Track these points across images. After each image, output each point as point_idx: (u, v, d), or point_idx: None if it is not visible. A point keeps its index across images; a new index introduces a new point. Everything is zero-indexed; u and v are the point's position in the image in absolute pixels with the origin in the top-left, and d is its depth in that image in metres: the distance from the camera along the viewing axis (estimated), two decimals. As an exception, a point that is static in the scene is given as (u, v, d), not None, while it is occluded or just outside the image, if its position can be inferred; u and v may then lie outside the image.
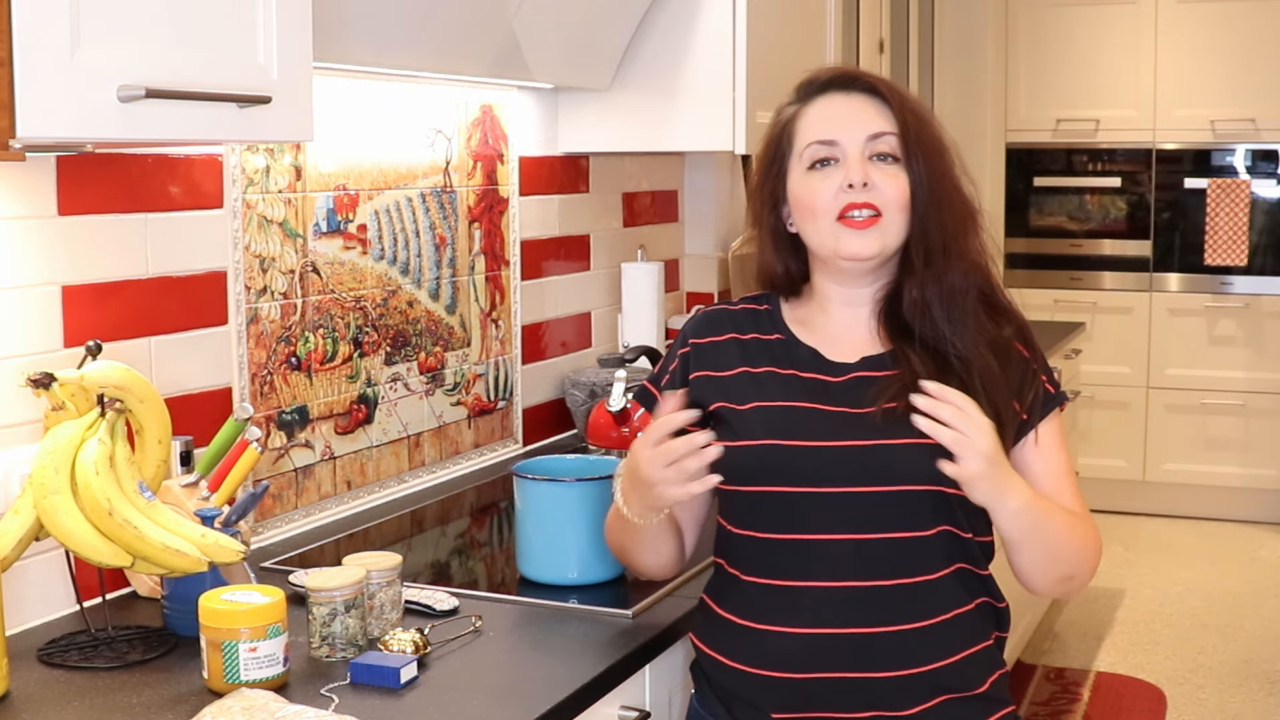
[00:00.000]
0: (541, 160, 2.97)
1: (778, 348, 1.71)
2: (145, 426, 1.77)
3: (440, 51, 2.34)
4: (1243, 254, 5.94)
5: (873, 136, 1.66)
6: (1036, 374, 1.69)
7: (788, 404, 1.65)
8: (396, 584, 1.80)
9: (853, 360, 1.68)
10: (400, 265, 2.54)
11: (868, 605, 1.59)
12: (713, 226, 3.68)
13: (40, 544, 1.74)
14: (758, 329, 1.74)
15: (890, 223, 1.65)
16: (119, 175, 1.93)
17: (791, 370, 1.68)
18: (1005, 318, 1.70)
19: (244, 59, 1.63)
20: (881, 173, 1.65)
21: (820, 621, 1.60)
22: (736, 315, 1.77)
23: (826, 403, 1.64)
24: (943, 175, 1.68)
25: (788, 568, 1.63)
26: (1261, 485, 5.98)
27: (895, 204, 1.65)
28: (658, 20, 2.90)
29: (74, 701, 1.59)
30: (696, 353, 1.74)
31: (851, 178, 1.63)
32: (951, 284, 1.66)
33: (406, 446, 2.58)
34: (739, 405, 1.67)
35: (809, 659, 1.60)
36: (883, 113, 1.67)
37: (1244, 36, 5.88)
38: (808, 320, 1.74)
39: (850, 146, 1.65)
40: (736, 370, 1.70)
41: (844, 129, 1.66)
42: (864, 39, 4.87)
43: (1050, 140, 6.23)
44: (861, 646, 1.59)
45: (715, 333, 1.75)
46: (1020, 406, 1.66)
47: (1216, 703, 4.17)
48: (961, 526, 1.63)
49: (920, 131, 1.67)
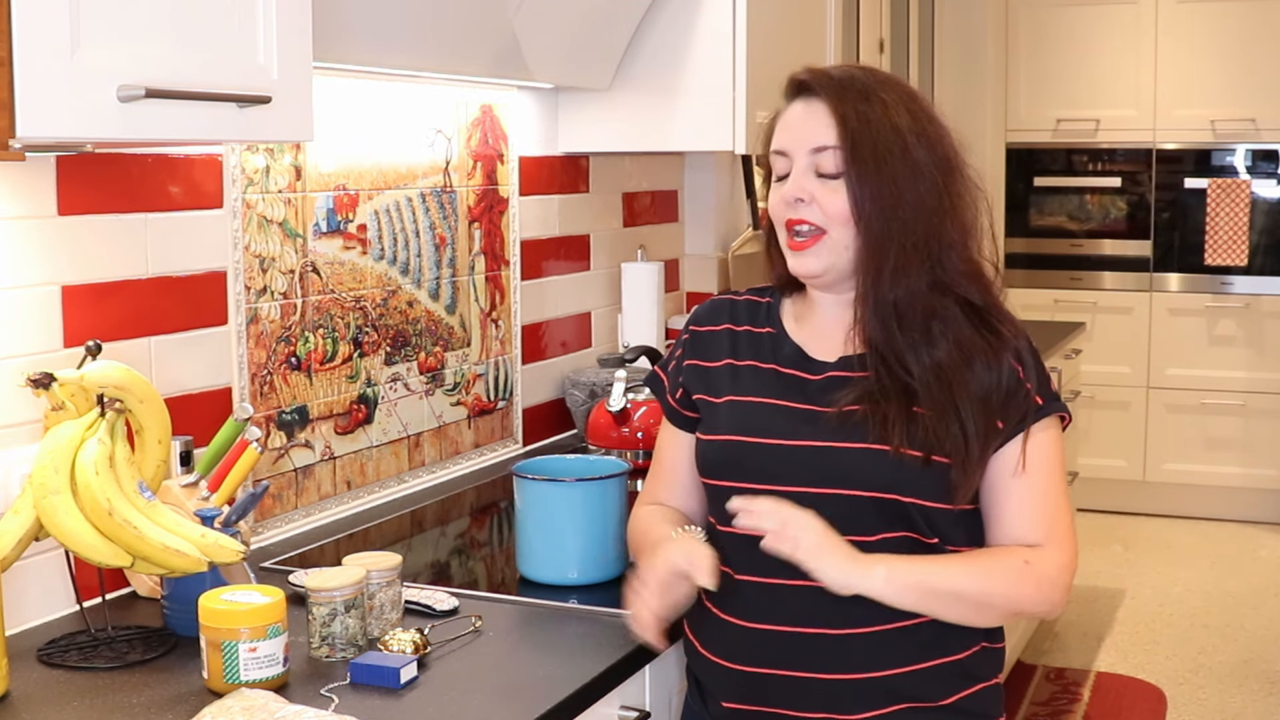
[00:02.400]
0: (541, 160, 2.97)
1: (766, 342, 1.72)
2: (145, 426, 1.77)
3: (440, 51, 2.34)
4: (1243, 254, 5.94)
5: (815, 150, 1.62)
6: (1026, 390, 1.62)
7: (757, 400, 1.67)
8: (396, 584, 1.80)
9: (831, 359, 1.68)
10: (400, 265, 2.54)
11: (816, 605, 1.58)
12: (713, 226, 3.68)
13: (40, 544, 1.74)
14: (753, 321, 1.75)
15: (836, 240, 1.62)
16: (119, 175, 1.93)
17: (773, 365, 1.69)
18: (996, 328, 1.63)
19: (244, 59, 1.63)
20: (822, 188, 1.62)
21: (772, 618, 1.61)
22: (738, 306, 1.79)
23: (801, 400, 1.65)
24: (893, 186, 1.59)
25: (745, 562, 1.64)
26: (1261, 485, 5.98)
27: (836, 220, 1.61)
28: (658, 20, 2.90)
29: (74, 701, 1.59)
30: (693, 341, 1.78)
31: (790, 193, 1.63)
32: (899, 300, 1.60)
33: (406, 446, 2.58)
34: (715, 398, 1.71)
35: (762, 654, 1.62)
36: (831, 125, 1.62)
37: (1244, 36, 5.88)
38: (803, 316, 1.74)
39: (797, 159, 1.64)
40: (722, 362, 1.73)
41: (793, 141, 1.65)
42: (864, 39, 4.87)
43: (1050, 140, 6.23)
44: (811, 646, 1.59)
45: (714, 322, 1.78)
46: (1001, 421, 1.60)
47: (1216, 703, 4.17)
48: (923, 533, 1.60)
49: (870, 141, 1.59)
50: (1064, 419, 1.67)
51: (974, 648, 1.65)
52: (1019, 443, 1.61)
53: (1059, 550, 1.62)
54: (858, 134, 1.60)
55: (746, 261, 3.77)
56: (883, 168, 1.59)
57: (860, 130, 1.60)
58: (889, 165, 1.60)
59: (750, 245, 3.80)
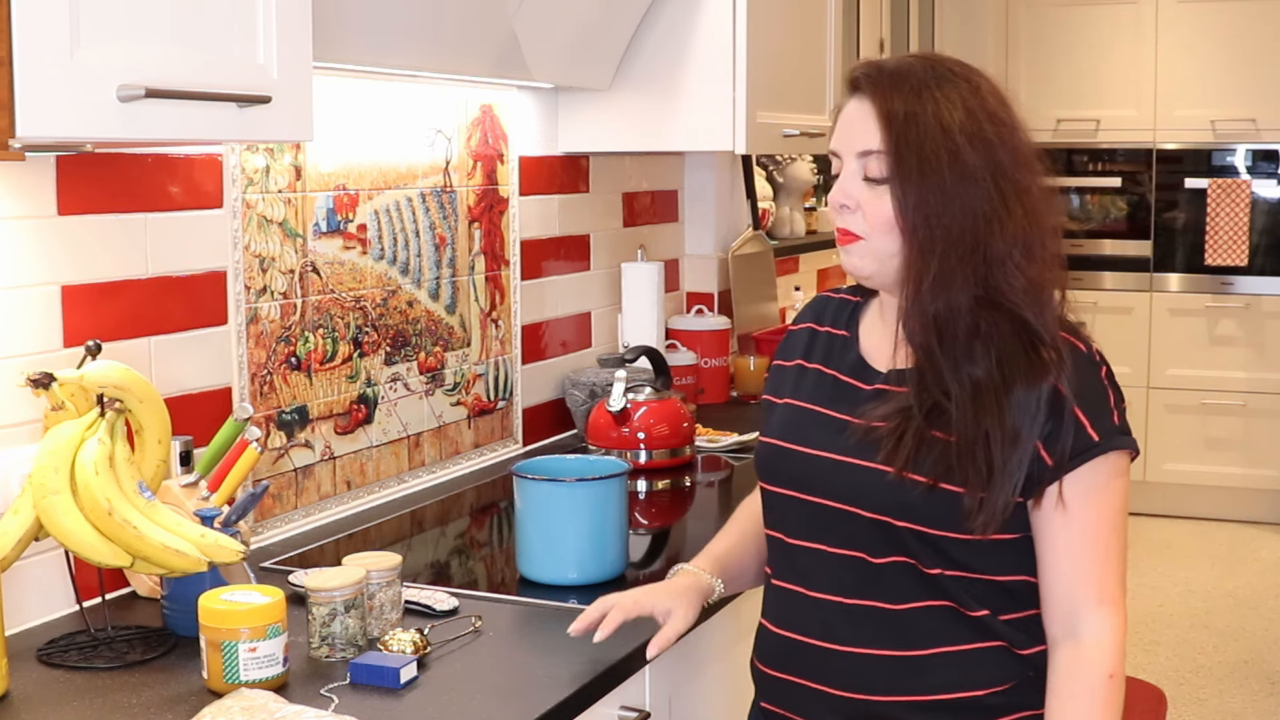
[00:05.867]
0: (541, 160, 2.96)
1: (838, 344, 1.68)
2: (145, 426, 1.77)
3: (440, 51, 2.34)
4: (1243, 254, 5.94)
5: (861, 154, 1.54)
6: (1076, 422, 1.50)
7: (807, 405, 1.65)
8: (396, 584, 1.80)
9: (884, 370, 1.61)
10: (400, 265, 2.54)
11: (832, 619, 1.57)
12: (713, 226, 3.68)
13: (40, 544, 1.74)
14: (835, 322, 1.70)
15: (876, 245, 1.53)
16: (119, 175, 1.93)
17: (835, 371, 1.66)
18: (1045, 350, 1.51)
19: (244, 59, 1.63)
20: (869, 193, 1.53)
21: (793, 626, 1.61)
22: (830, 304, 1.74)
23: (846, 410, 1.60)
24: (939, 193, 1.49)
25: (779, 567, 1.66)
26: (1261, 485, 5.98)
27: (877, 228, 1.53)
28: (658, 20, 2.90)
29: (73, 701, 1.59)
30: (785, 339, 1.78)
31: (833, 199, 1.58)
32: (939, 314, 1.50)
33: (406, 446, 2.58)
34: (776, 399, 1.71)
35: (784, 660, 1.62)
36: (876, 125, 1.52)
37: (1244, 36, 5.88)
38: (877, 320, 1.66)
39: (847, 161, 1.56)
40: (794, 362, 1.72)
41: (842, 141, 1.57)
42: (864, 39, 4.87)
43: (1050, 140, 6.23)
44: (823, 659, 1.58)
45: (805, 319, 1.76)
46: (1048, 453, 1.49)
47: (1216, 703, 4.17)
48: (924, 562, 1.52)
49: (916, 143, 1.50)
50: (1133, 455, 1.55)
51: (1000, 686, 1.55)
52: (1070, 481, 1.50)
53: (1113, 613, 1.54)
54: (902, 136, 1.50)
55: (746, 261, 3.77)
56: (928, 173, 1.49)
57: (905, 132, 1.50)
58: (935, 170, 1.49)
59: (750, 245, 3.80)
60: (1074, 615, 1.54)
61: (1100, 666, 1.52)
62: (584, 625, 1.69)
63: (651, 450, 2.72)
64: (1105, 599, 1.54)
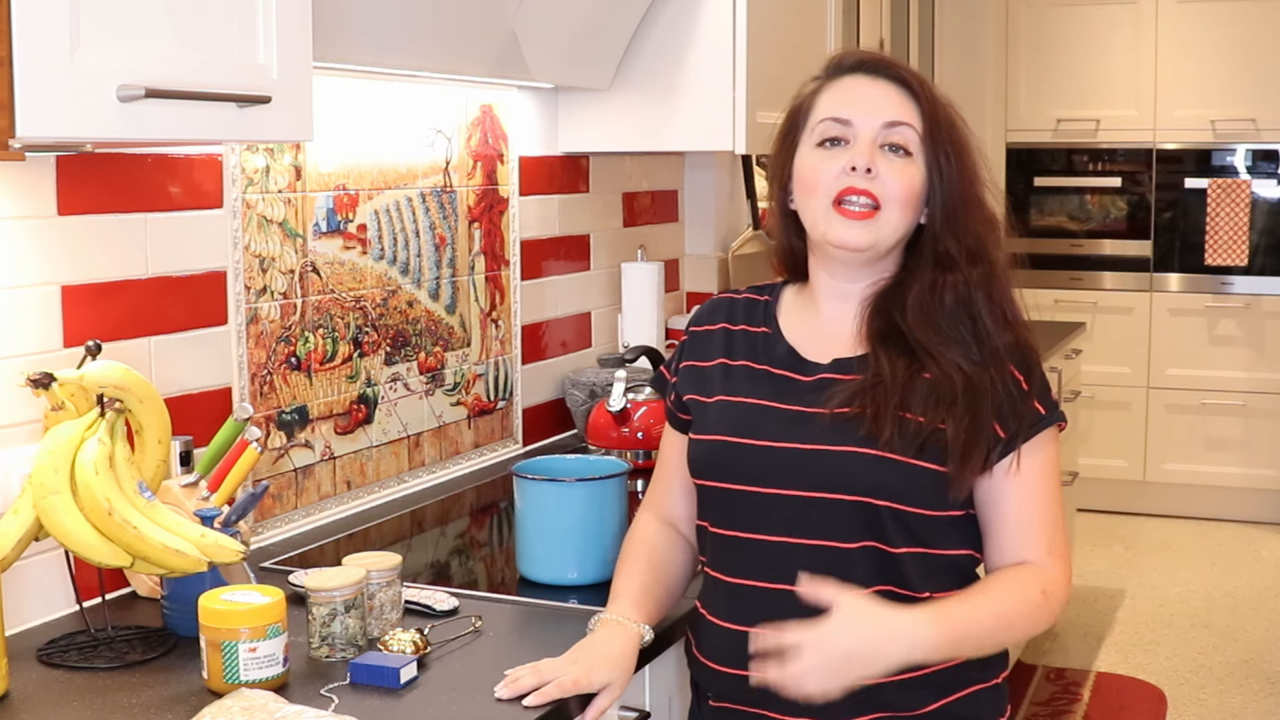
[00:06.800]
0: (541, 160, 2.97)
1: (760, 341, 1.71)
2: (145, 426, 1.77)
3: (440, 51, 2.34)
4: (1243, 254, 5.94)
5: (889, 124, 1.61)
6: (1027, 395, 1.61)
7: (747, 400, 1.66)
8: (396, 584, 1.80)
9: (825, 361, 1.66)
10: (400, 265, 2.54)
11: (797, 611, 1.55)
12: (713, 226, 3.68)
13: (40, 544, 1.74)
14: (750, 320, 1.74)
15: (888, 217, 1.60)
16: (119, 175, 1.93)
17: (766, 366, 1.68)
18: (1007, 330, 1.62)
19: (244, 59, 1.63)
20: (889, 164, 1.60)
21: (754, 620, 1.59)
22: (736, 304, 1.77)
23: (792, 402, 1.63)
24: (968, 178, 1.63)
25: (731, 564, 1.65)
26: (1261, 485, 5.98)
27: (897, 198, 1.60)
28: (658, 20, 2.90)
29: (73, 701, 1.59)
30: (691, 341, 1.78)
31: (856, 161, 1.59)
32: (957, 290, 1.61)
33: (406, 446, 2.58)
34: (706, 398, 1.70)
35: (742, 655, 1.60)
36: (905, 104, 1.63)
37: (1244, 36, 5.88)
38: (799, 313, 1.72)
39: (863, 129, 1.61)
40: (715, 361, 1.72)
41: (861, 110, 1.62)
42: (864, 39, 4.87)
43: (1050, 140, 6.24)
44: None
45: (711, 321, 1.77)
46: (1002, 428, 1.58)
47: (1216, 703, 4.17)
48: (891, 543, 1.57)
49: (947, 131, 1.63)
50: (1061, 427, 1.66)
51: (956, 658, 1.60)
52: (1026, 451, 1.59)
53: (1062, 566, 1.62)
54: (933, 118, 1.62)
55: (746, 261, 3.77)
56: (959, 156, 1.63)
57: (934, 114, 1.63)
58: (964, 156, 1.64)
59: (750, 245, 3.80)
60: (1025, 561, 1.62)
61: (1039, 579, 1.59)
62: (514, 692, 1.57)
63: (651, 450, 2.71)
64: (1056, 552, 1.62)
